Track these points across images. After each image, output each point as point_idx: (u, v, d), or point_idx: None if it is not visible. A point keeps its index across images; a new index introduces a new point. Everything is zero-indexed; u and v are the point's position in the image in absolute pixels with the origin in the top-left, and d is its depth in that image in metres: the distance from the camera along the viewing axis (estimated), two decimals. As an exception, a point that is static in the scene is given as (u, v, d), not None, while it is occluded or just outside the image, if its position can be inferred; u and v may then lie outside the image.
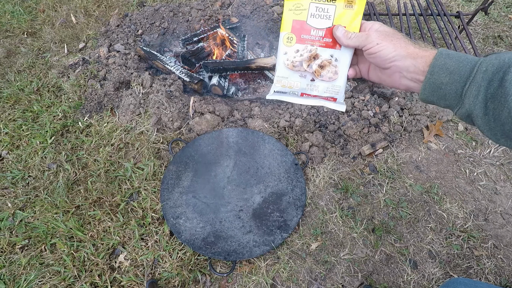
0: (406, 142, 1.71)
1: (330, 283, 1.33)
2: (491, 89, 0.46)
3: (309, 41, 0.62)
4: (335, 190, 1.56)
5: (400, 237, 1.42)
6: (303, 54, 0.62)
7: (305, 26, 0.62)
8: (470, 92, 0.48)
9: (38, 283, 1.30)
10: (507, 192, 1.54)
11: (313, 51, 0.62)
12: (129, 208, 1.50)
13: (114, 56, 2.07)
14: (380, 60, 0.56)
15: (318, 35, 0.62)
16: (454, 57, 0.50)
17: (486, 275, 1.32)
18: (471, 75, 0.48)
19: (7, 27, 2.47)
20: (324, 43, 0.62)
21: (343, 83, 0.64)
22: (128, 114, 1.80)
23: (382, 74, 0.61)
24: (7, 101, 1.94)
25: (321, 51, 0.62)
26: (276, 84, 0.66)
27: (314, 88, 0.65)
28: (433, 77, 0.52)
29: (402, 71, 0.55)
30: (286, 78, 0.65)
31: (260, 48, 2.33)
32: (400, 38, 0.56)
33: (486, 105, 0.47)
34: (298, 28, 0.62)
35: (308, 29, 0.62)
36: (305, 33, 0.62)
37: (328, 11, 0.60)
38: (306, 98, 0.66)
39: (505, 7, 2.57)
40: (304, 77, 0.64)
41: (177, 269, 1.33)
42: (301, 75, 0.64)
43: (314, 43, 0.62)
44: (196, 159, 1.61)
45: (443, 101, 0.53)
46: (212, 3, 2.42)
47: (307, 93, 0.65)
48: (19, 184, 1.59)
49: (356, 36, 0.58)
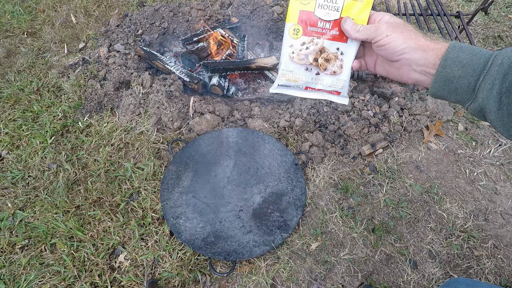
0: (406, 142, 1.71)
1: (330, 283, 1.33)
2: (506, 83, 0.44)
3: (316, 33, 0.60)
4: (335, 190, 1.56)
5: (400, 237, 1.42)
6: (309, 47, 0.61)
7: (312, 17, 0.60)
8: (484, 86, 0.47)
9: (38, 283, 1.30)
10: (507, 192, 1.54)
11: (319, 44, 0.60)
12: (129, 208, 1.50)
13: (114, 56, 2.07)
14: (390, 52, 0.55)
15: (325, 27, 0.60)
16: (467, 50, 0.49)
17: (486, 275, 1.32)
18: (485, 68, 0.46)
19: (7, 27, 2.47)
20: (331, 36, 0.60)
21: (347, 77, 0.62)
22: (128, 114, 1.80)
23: (390, 67, 0.59)
24: (7, 101, 1.94)
25: (327, 44, 0.61)
26: (281, 77, 0.64)
27: (318, 82, 0.63)
28: (445, 70, 0.50)
29: (411, 64, 0.54)
30: (291, 71, 0.63)
31: (260, 48, 2.33)
32: (411, 29, 0.54)
33: (501, 99, 0.45)
34: (305, 19, 0.60)
35: (315, 20, 0.60)
36: (312, 25, 0.60)
37: (337, 2, 0.58)
38: (310, 91, 0.65)
39: (505, 7, 2.57)
40: (310, 70, 0.63)
41: (177, 269, 1.33)
42: (307, 68, 0.63)
43: (320, 36, 0.60)
44: (196, 159, 1.61)
45: (454, 95, 0.51)
46: (212, 3, 2.42)
47: (311, 86, 0.64)
48: (19, 184, 1.59)
49: (365, 28, 0.56)
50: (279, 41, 2.32)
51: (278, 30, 2.31)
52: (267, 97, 1.97)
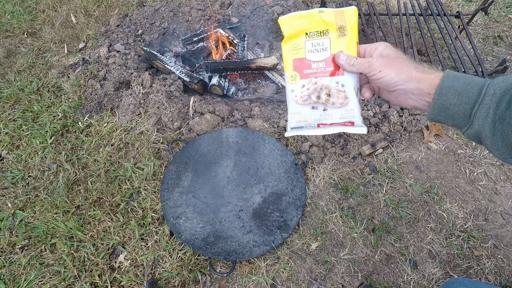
0: (406, 142, 1.71)
1: (330, 283, 1.33)
2: (499, 111, 0.48)
3: (312, 74, 0.65)
4: (335, 190, 1.56)
5: (400, 237, 1.42)
6: (310, 88, 0.65)
7: (305, 62, 0.65)
8: (479, 114, 0.50)
9: (38, 283, 1.30)
10: (507, 192, 1.54)
11: (318, 82, 0.64)
12: (129, 208, 1.50)
13: (114, 56, 2.07)
14: (385, 85, 0.58)
15: (319, 66, 0.64)
16: (461, 79, 0.52)
17: (486, 275, 1.32)
18: (480, 97, 0.50)
19: (7, 27, 2.47)
20: (327, 72, 0.64)
21: (356, 105, 0.64)
22: (128, 114, 1.80)
23: (389, 95, 0.63)
24: (7, 101, 1.94)
25: (326, 81, 0.64)
26: (291, 120, 0.68)
27: (328, 117, 0.66)
28: (441, 98, 0.53)
29: (407, 93, 0.58)
30: (298, 113, 0.67)
31: (260, 48, 2.33)
32: (403, 61, 0.57)
33: (495, 126, 0.49)
34: (299, 65, 0.65)
35: (308, 64, 0.64)
36: (307, 68, 0.65)
37: (324, 44, 0.63)
38: (323, 127, 0.67)
39: (505, 7, 2.57)
40: (316, 108, 0.66)
41: (177, 269, 1.33)
42: (313, 107, 0.66)
43: (317, 75, 0.64)
44: (196, 159, 1.61)
45: (451, 120, 0.54)
46: (212, 3, 2.42)
47: (323, 123, 0.67)
48: (19, 184, 1.59)
49: (359, 63, 0.60)
50: (279, 41, 2.33)
51: (278, 30, 2.31)
52: (267, 97, 1.97)
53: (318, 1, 2.42)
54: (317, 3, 2.41)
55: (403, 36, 1.87)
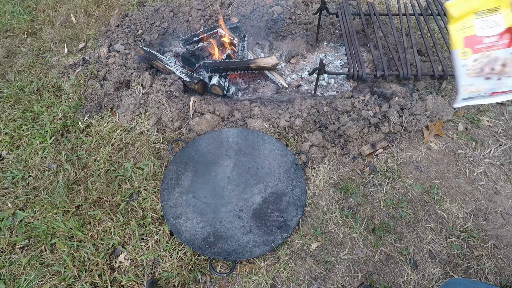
0: (406, 142, 1.71)
1: (330, 283, 1.33)
2: None
3: (485, 48, 0.69)
4: (335, 190, 1.56)
5: (400, 237, 1.42)
6: (483, 61, 0.69)
7: (476, 39, 0.69)
8: None
9: (38, 283, 1.30)
10: (507, 192, 1.54)
11: (491, 55, 0.68)
12: (129, 208, 1.50)
13: (114, 56, 2.07)
14: None
15: (491, 41, 0.68)
16: None
17: (486, 275, 1.32)
18: None
19: (7, 27, 2.47)
20: (500, 45, 0.68)
21: None
22: (128, 114, 1.80)
23: None
24: (7, 101, 1.94)
25: (499, 53, 0.68)
26: (463, 92, 0.73)
27: (502, 85, 0.71)
28: None
29: None
30: (471, 84, 0.72)
31: (260, 48, 2.33)
32: None
33: None
34: (470, 42, 0.70)
35: (479, 39, 0.69)
36: (478, 44, 0.69)
37: (495, 20, 0.67)
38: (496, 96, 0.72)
39: (505, 7, 2.57)
40: (490, 78, 0.70)
41: (177, 269, 1.33)
42: (487, 78, 0.71)
43: (490, 49, 0.69)
44: (196, 159, 1.61)
45: None
46: (212, 3, 2.42)
47: (496, 91, 0.72)
48: (19, 184, 1.59)
49: None
50: (279, 41, 2.33)
51: (278, 30, 2.32)
52: (267, 97, 1.97)
53: (318, 1, 2.42)
54: (317, 3, 2.41)
55: (403, 36, 1.87)
